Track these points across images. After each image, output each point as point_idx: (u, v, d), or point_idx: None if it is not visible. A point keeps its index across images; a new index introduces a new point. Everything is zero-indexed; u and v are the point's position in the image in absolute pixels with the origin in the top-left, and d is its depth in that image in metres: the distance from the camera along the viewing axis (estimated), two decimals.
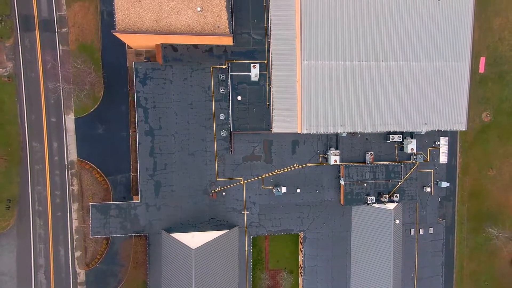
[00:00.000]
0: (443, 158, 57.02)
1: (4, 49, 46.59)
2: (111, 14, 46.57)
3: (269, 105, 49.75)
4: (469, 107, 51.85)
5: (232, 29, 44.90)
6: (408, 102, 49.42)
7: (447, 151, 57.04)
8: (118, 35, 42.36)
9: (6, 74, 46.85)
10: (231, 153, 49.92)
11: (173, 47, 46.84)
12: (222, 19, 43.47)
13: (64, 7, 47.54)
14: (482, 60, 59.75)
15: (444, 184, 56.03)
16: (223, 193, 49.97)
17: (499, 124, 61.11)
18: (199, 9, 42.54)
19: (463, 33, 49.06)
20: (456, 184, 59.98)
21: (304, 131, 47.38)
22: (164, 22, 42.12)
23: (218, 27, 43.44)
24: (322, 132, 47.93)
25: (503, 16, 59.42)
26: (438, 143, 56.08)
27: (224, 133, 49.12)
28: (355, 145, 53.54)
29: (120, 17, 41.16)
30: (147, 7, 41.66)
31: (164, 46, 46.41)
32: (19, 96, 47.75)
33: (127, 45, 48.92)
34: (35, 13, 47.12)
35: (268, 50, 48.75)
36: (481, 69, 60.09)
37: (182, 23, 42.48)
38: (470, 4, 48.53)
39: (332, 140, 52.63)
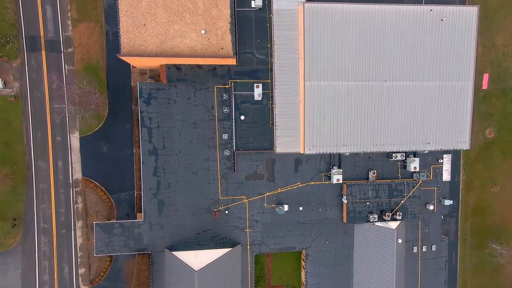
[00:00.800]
0: (446, 176, 56.94)
1: (11, 69, 47.26)
2: (116, 34, 47.20)
3: (272, 124, 50.02)
4: (472, 126, 51.90)
5: (236, 50, 45.25)
6: (411, 122, 49.51)
7: (450, 169, 56.95)
8: (123, 57, 42.84)
9: (12, 94, 47.52)
10: (234, 172, 50.20)
11: (177, 67, 47.30)
12: (226, 41, 43.83)
13: (70, 27, 48.17)
14: (486, 76, 59.66)
15: (447, 202, 55.92)
16: (226, 212, 50.22)
17: (503, 140, 60.90)
18: (203, 32, 42.94)
19: (466, 53, 49.12)
20: (459, 200, 59.79)
21: (307, 152, 47.61)
22: (168, 45, 42.56)
23: (222, 49, 43.81)
24: (325, 152, 48.15)
25: (506, 32, 59.33)
26: (441, 161, 56.01)
27: (227, 152, 49.42)
28: (358, 163, 53.60)
29: (125, 40, 41.65)
30: (152, 30, 42.12)
31: (168, 67, 46.87)
32: (25, 115, 48.37)
33: (132, 65, 49.43)
34: (42, 34, 47.76)
35: (271, 70, 49.09)
36: (485, 86, 59.99)
37: (186, 46, 42.89)
38: (473, 24, 48.61)
39: (335, 159, 52.74)
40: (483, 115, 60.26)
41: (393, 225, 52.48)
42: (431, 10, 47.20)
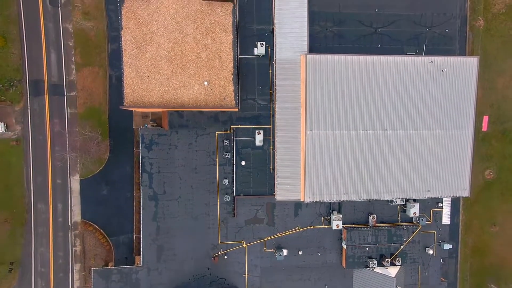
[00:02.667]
0: (446, 219, 56.91)
1: (14, 113, 47.40)
2: (119, 78, 47.41)
3: (273, 169, 50.11)
4: (472, 172, 52.14)
5: (238, 100, 45.48)
6: (411, 170, 49.69)
7: (449, 212, 57.00)
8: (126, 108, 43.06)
9: (14, 137, 47.55)
10: (234, 216, 50.12)
11: (179, 113, 47.54)
12: (229, 91, 44.15)
13: (74, 72, 48.46)
14: (485, 118, 60.08)
15: (447, 246, 55.76)
16: (225, 257, 49.98)
17: (502, 181, 61.13)
18: (206, 83, 43.25)
19: (466, 102, 49.57)
20: (458, 241, 59.78)
21: (307, 200, 47.66)
22: (171, 96, 42.82)
23: (224, 99, 44.11)
24: (325, 200, 48.27)
25: (506, 75, 59.98)
26: (441, 204, 56.05)
27: (227, 198, 49.41)
28: (357, 207, 53.58)
29: (129, 92, 41.90)
30: (155, 81, 42.41)
31: (170, 113, 47.12)
32: (26, 158, 48.32)
33: None
34: (45, 78, 48.03)
35: (273, 115, 49.32)
36: (484, 128, 60.38)
37: (189, 96, 43.17)
38: (473, 74, 49.13)
39: (334, 203, 52.70)
40: (482, 156, 60.56)
41: (393, 271, 52.25)
42: (432, 61, 47.73)
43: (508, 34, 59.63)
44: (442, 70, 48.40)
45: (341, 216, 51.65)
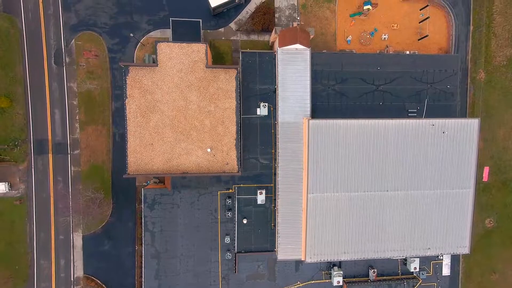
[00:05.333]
0: (446, 270, 57.15)
1: (18, 172, 47.77)
2: (122, 136, 48.03)
3: (274, 226, 50.40)
4: (472, 229, 52.38)
5: (240, 163, 45.71)
6: (411, 229, 49.96)
7: (450, 263, 57.22)
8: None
9: (18, 195, 47.91)
10: (235, 272, 50.37)
11: None
12: (231, 156, 44.48)
13: (78, 130, 48.87)
14: (486, 169, 60.36)
15: None
16: None
17: (503, 230, 61.37)
18: (209, 150, 43.59)
19: (467, 162, 49.82)
20: None
21: (308, 260, 47.93)
22: (174, 162, 43.17)
23: (227, 164, 44.44)
24: (326, 260, 48.55)
25: (507, 126, 60.34)
26: (441, 257, 56.28)
27: (229, 256, 49.67)
28: (358, 260, 53.79)
29: (132, 159, 42.26)
30: (159, 149, 42.76)
31: None
32: (30, 216, 48.66)
33: None
34: (49, 137, 48.43)
35: (275, 174, 49.64)
36: (485, 178, 60.66)
37: (192, 163, 43.51)
38: (474, 135, 49.42)
39: None
40: (483, 205, 60.83)
41: None
42: (433, 124, 48.06)
43: (509, 86, 60.05)
44: (443, 132, 48.72)
45: (341, 272, 51.88)
